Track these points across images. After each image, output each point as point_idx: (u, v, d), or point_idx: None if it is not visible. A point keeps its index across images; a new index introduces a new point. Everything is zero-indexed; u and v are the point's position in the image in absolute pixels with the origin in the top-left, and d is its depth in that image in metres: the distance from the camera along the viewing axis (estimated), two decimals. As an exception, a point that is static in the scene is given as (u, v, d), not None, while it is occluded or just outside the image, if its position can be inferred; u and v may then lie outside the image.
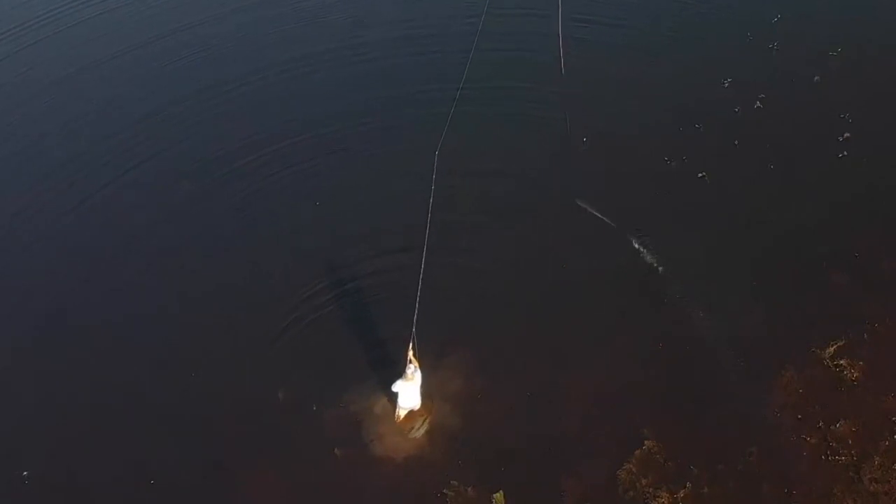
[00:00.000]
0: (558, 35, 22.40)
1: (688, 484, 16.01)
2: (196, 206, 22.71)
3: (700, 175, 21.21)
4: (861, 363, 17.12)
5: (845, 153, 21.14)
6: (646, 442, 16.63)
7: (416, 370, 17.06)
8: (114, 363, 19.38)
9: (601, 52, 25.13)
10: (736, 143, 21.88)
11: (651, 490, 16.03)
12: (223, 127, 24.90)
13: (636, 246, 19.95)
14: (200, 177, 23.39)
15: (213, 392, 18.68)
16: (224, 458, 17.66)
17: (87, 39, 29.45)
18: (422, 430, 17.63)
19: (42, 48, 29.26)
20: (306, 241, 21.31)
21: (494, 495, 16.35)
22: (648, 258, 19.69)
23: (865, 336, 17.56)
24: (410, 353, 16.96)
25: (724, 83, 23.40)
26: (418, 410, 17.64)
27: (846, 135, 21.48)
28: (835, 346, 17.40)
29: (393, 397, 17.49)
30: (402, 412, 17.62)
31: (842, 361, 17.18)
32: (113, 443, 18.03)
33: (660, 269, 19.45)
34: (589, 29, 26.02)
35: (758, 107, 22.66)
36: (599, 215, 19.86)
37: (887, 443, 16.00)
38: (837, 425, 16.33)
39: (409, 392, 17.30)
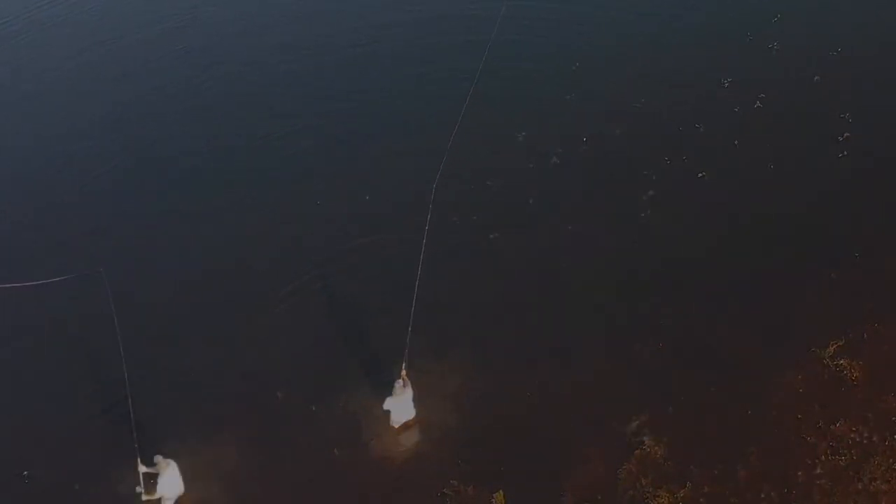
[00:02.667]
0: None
1: (688, 484, 15.99)
2: (194, 200, 22.72)
3: (700, 175, 21.20)
4: (861, 363, 17.09)
5: (845, 153, 21.12)
6: (646, 442, 16.63)
7: (404, 385, 17.07)
8: (111, 363, 19.33)
9: (601, 52, 25.18)
10: (736, 143, 21.87)
11: (651, 490, 16.01)
12: (223, 116, 24.97)
13: (636, 245, 19.94)
14: (200, 168, 23.43)
15: (213, 392, 18.68)
16: (224, 458, 17.65)
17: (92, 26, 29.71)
18: (419, 434, 17.62)
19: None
20: (307, 239, 21.31)
21: (494, 495, 16.34)
22: (648, 258, 19.67)
23: (865, 336, 17.53)
24: (404, 372, 16.98)
25: (724, 83, 23.39)
26: (414, 419, 17.58)
27: (846, 135, 21.45)
28: (835, 346, 17.37)
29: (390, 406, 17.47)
30: (396, 425, 17.58)
31: (842, 361, 17.15)
32: (112, 443, 18.02)
33: (660, 268, 19.44)
34: (589, 27, 26.10)
35: (758, 107, 22.64)
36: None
37: (887, 443, 15.99)
38: (837, 425, 16.32)
39: (400, 407, 17.30)
